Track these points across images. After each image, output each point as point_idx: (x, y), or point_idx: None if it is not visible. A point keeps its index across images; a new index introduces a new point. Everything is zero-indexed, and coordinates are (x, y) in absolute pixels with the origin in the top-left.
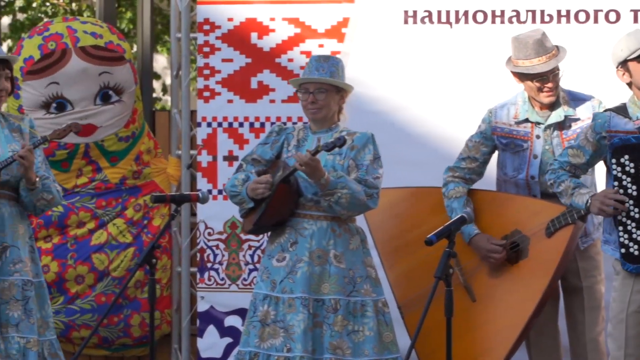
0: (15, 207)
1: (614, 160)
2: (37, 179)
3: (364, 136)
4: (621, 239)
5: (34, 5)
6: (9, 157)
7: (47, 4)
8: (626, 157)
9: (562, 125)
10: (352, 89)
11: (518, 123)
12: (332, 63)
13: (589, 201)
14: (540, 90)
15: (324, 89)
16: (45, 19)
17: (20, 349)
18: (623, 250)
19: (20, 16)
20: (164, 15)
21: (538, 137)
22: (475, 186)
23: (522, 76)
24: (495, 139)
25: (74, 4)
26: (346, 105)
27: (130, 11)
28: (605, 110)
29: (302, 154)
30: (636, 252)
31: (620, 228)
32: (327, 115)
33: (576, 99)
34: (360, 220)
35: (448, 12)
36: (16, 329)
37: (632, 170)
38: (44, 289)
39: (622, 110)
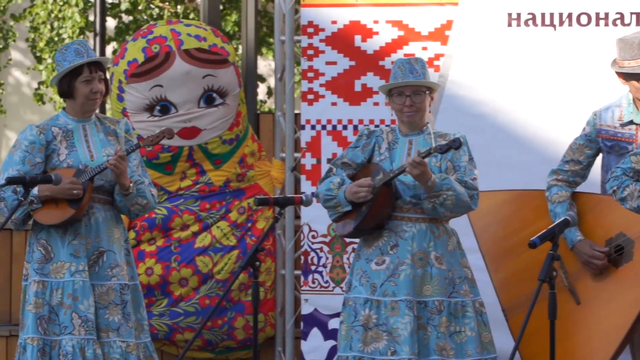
0: (110, 211)
1: None
2: (131, 184)
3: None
4: None
5: (140, 8)
6: (103, 163)
7: (152, 6)
8: None
9: None
10: (437, 87)
11: (623, 125)
12: (421, 65)
13: None
14: None
15: (421, 91)
16: (150, 22)
17: (123, 353)
18: None
19: (126, 19)
20: (269, 18)
21: None
22: (579, 189)
23: (627, 76)
24: (600, 141)
25: (179, 7)
26: (450, 108)
27: (235, 13)
28: None
29: (412, 156)
30: None
31: None
32: (423, 117)
33: None
34: (459, 223)
35: (552, 15)
36: (117, 333)
37: None
38: (139, 292)
39: None
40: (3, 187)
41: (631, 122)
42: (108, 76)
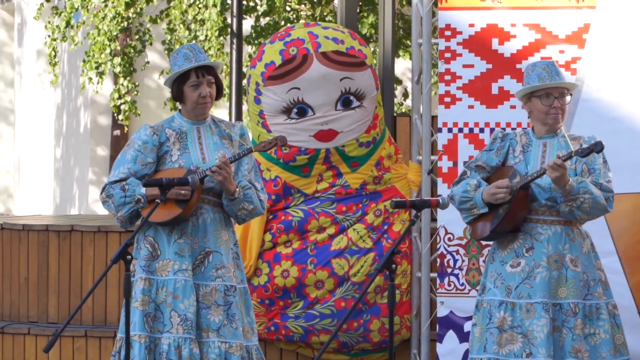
0: (220, 214)
1: None
2: (237, 189)
3: (591, 140)
4: None
5: (277, 9)
6: (202, 172)
7: (288, 8)
8: None
9: None
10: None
11: None
12: (558, 68)
13: None
14: None
15: (567, 93)
16: (287, 25)
17: (222, 353)
18: None
19: (262, 21)
20: (405, 20)
21: None
22: None
23: None
24: None
25: (316, 10)
26: (587, 112)
27: (371, 16)
28: None
29: (553, 159)
30: None
31: None
32: (563, 119)
33: None
34: (596, 225)
35: None
36: (217, 333)
37: None
38: (248, 295)
39: None
40: (113, 184)
41: None
42: (245, 79)
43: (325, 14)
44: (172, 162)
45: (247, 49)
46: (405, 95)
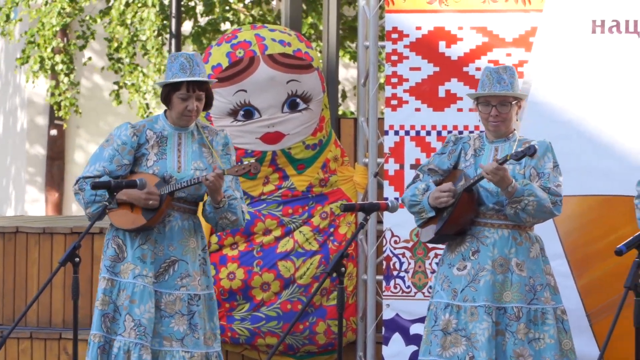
0: (189, 221)
1: None
2: (224, 199)
3: (543, 144)
4: None
5: (216, 10)
6: (192, 179)
7: (227, 8)
8: None
9: None
10: (525, 97)
11: None
12: (510, 74)
13: None
14: None
15: (507, 102)
16: (228, 26)
17: None
18: None
19: (202, 21)
20: (344, 21)
21: None
22: None
23: None
24: None
25: (254, 11)
26: (534, 115)
27: (311, 16)
28: None
29: (489, 163)
30: None
31: None
32: (509, 126)
33: None
34: (544, 228)
35: (636, 22)
36: (181, 343)
37: None
38: (213, 301)
39: None
40: (86, 179)
41: None
42: None
43: (262, 13)
44: (147, 166)
45: (189, 49)
46: (343, 96)
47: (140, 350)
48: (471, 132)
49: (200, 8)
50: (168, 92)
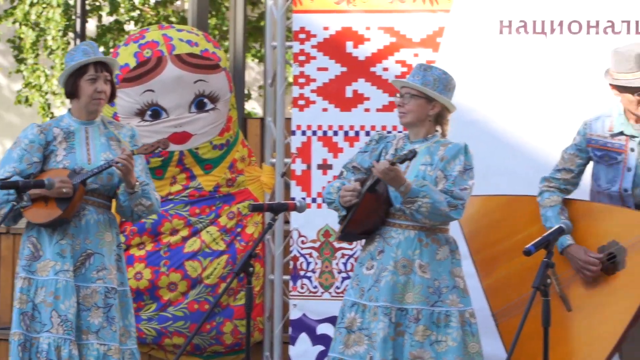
0: (104, 215)
1: None
2: (137, 183)
3: (456, 147)
4: None
5: (122, 10)
6: (103, 164)
7: (132, 7)
8: None
9: None
10: (451, 106)
11: (613, 135)
12: (430, 73)
13: None
14: (639, 103)
15: (413, 94)
16: (133, 26)
17: (100, 356)
18: None
19: (106, 20)
20: (248, 21)
21: (632, 150)
22: (570, 196)
23: (622, 89)
24: (590, 151)
25: (160, 10)
26: None
27: (215, 18)
28: None
29: (381, 162)
30: None
31: None
32: (413, 121)
33: None
34: (455, 229)
35: (543, 22)
36: (96, 335)
37: None
38: (128, 298)
39: None
40: None
41: (621, 133)
42: None
43: (167, 13)
44: (57, 162)
45: None
46: (247, 96)
47: (70, 346)
48: (378, 132)
49: (105, 9)
50: (75, 80)
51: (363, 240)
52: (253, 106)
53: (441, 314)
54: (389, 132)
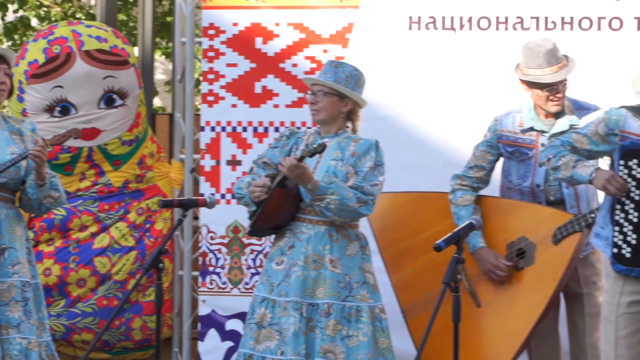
0: (13, 209)
1: (622, 162)
2: (47, 175)
3: (367, 143)
4: (615, 239)
5: (27, 6)
6: (17, 156)
7: (38, 3)
8: (635, 161)
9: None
10: (362, 101)
11: (523, 131)
12: (342, 70)
13: (594, 174)
14: (548, 99)
15: (325, 91)
16: (42, 22)
17: (23, 349)
18: (615, 250)
19: (12, 17)
20: (155, 18)
21: (543, 145)
22: (479, 192)
23: (531, 84)
24: (501, 147)
25: (66, 5)
26: None
27: (122, 13)
28: (621, 107)
29: (288, 158)
30: (628, 255)
31: (617, 228)
32: (326, 118)
33: (581, 108)
34: (364, 225)
35: (452, 18)
36: (17, 329)
37: (639, 175)
38: (40, 291)
39: (638, 111)
40: None
41: (532, 129)
42: None
43: (73, 10)
44: None
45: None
46: (154, 92)
47: None
48: (289, 127)
49: (12, 6)
50: None
51: (272, 236)
52: (158, 103)
53: (352, 308)
54: (299, 128)
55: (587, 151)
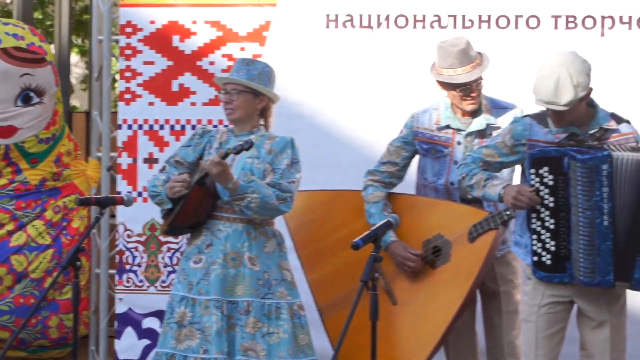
0: None
1: (532, 171)
2: None
3: (283, 140)
4: (534, 247)
5: None
6: None
7: None
8: (545, 168)
9: (483, 133)
10: (275, 97)
11: (440, 129)
12: (254, 67)
13: (502, 192)
14: (462, 98)
15: (239, 90)
16: None
17: None
18: (535, 258)
19: None
20: (72, 15)
21: (459, 143)
22: (395, 190)
23: (445, 85)
24: (417, 144)
25: None
26: None
27: (39, 11)
28: (525, 116)
29: (211, 156)
30: (548, 262)
31: (534, 236)
32: (242, 117)
33: (498, 107)
34: (280, 224)
35: (370, 17)
36: None
37: (551, 182)
38: None
39: (542, 118)
40: None
41: (448, 127)
42: None
43: None
44: None
45: None
46: (71, 90)
47: None
48: (202, 126)
49: None
50: None
51: (189, 234)
52: (76, 101)
53: (272, 306)
54: (214, 126)
55: (499, 163)
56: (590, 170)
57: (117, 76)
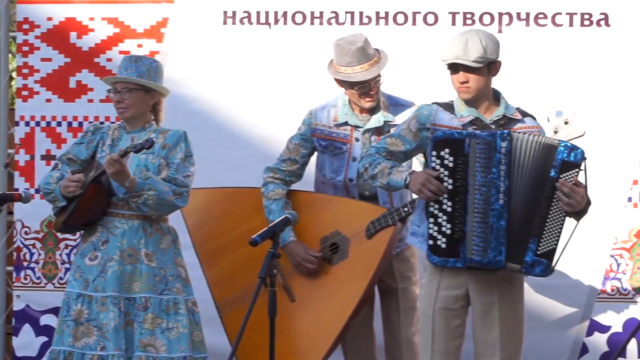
0: None
1: (434, 153)
2: None
3: (176, 134)
4: (430, 231)
5: None
6: None
7: None
8: (447, 150)
9: (381, 130)
10: (165, 91)
11: (338, 125)
12: (142, 64)
13: (408, 178)
14: (360, 96)
15: (130, 88)
16: None
17: None
18: (431, 242)
19: None
20: None
21: (357, 140)
22: (294, 187)
23: (344, 83)
24: (315, 140)
25: None
26: (165, 105)
27: None
28: (432, 104)
29: (113, 155)
30: (443, 245)
31: (431, 220)
32: (135, 115)
33: (396, 104)
34: (177, 221)
35: (267, 13)
36: None
37: (451, 165)
38: None
39: (448, 106)
40: None
41: (346, 123)
42: None
43: None
44: None
45: None
46: None
47: None
48: (102, 122)
49: None
50: None
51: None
52: None
53: (170, 301)
54: (102, 123)
55: (403, 152)
56: (489, 147)
57: (14, 73)
